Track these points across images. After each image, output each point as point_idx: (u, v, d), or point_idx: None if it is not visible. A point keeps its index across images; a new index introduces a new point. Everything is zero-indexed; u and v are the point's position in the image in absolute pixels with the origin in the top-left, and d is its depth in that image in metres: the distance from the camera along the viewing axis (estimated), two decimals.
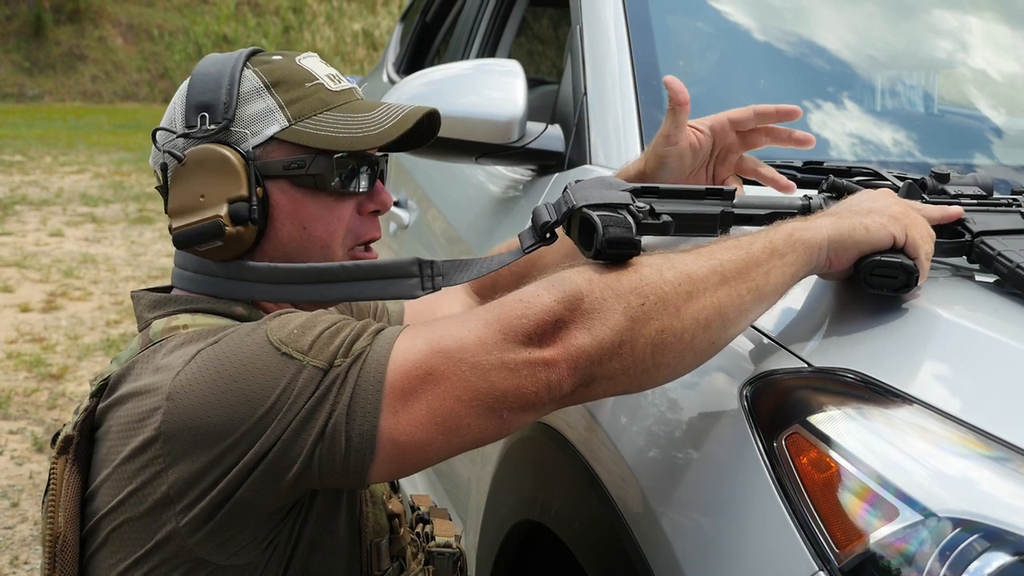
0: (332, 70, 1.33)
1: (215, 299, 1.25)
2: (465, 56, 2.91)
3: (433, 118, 1.33)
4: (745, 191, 1.31)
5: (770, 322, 1.24)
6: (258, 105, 1.25)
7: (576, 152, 1.93)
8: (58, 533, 1.18)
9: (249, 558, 1.14)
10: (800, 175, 1.50)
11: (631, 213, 1.12)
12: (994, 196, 1.36)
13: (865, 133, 1.98)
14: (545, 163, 2.01)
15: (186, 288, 1.28)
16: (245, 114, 1.25)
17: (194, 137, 1.24)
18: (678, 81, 1.43)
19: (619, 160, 1.73)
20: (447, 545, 1.46)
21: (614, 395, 1.12)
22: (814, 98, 1.99)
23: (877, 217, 1.16)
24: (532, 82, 2.34)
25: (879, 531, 0.97)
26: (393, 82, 3.80)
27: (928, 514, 0.95)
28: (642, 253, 1.10)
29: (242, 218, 1.21)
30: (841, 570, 0.97)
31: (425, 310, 1.58)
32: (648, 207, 1.17)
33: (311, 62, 1.32)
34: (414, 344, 1.07)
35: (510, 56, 2.84)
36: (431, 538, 1.47)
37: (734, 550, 1.09)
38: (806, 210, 1.30)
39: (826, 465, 1.03)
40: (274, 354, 1.08)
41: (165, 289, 1.32)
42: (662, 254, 1.11)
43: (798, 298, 1.25)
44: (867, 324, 1.17)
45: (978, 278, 1.28)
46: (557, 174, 1.97)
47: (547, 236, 1.18)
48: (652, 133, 1.53)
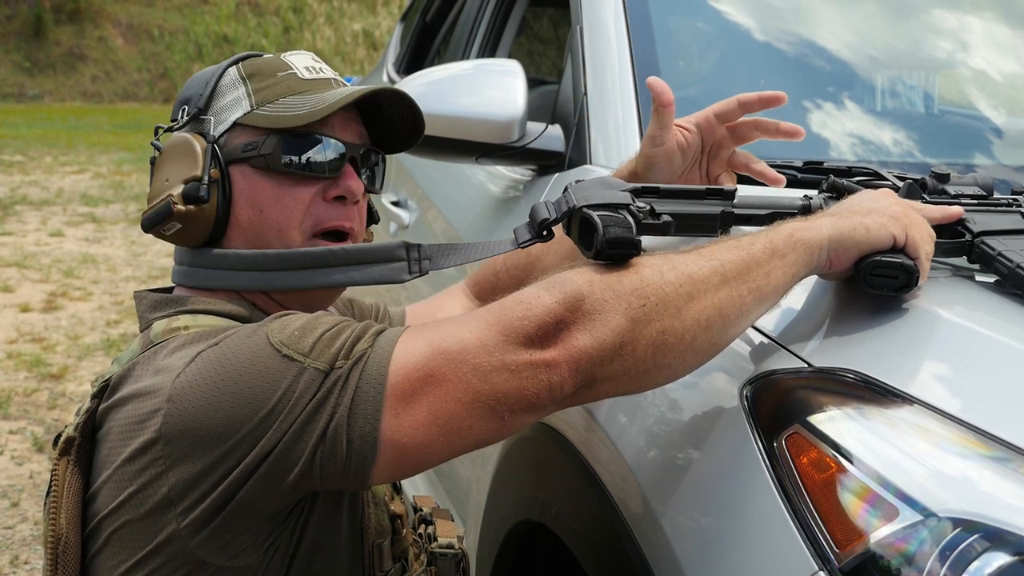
0: (317, 64, 1.34)
1: (216, 300, 1.25)
2: (465, 56, 2.91)
3: (414, 113, 1.33)
4: (741, 189, 1.30)
5: (770, 322, 1.24)
6: (231, 96, 1.29)
7: (576, 152, 1.93)
8: (60, 534, 1.18)
9: (250, 560, 1.14)
10: (800, 175, 1.50)
11: (631, 213, 1.12)
12: (994, 196, 1.36)
13: (865, 133, 1.98)
14: (545, 163, 2.01)
15: (175, 281, 1.31)
16: (217, 105, 1.30)
17: (173, 129, 1.30)
18: (662, 82, 1.43)
19: (619, 160, 1.73)
20: (449, 546, 1.46)
21: (615, 396, 1.12)
22: (814, 98, 1.99)
23: (877, 217, 1.16)
24: (532, 82, 2.33)
25: (879, 531, 0.97)
26: (393, 82, 3.80)
27: (928, 514, 0.95)
28: (643, 253, 1.10)
29: (193, 197, 1.23)
30: (841, 570, 0.97)
31: (426, 313, 1.58)
32: (648, 207, 1.17)
33: (295, 57, 1.33)
34: (415, 346, 1.07)
35: (510, 56, 2.84)
36: (433, 539, 1.47)
37: (734, 550, 1.09)
38: (806, 210, 1.30)
39: (826, 465, 1.03)
40: (275, 356, 1.08)
41: (167, 290, 1.32)
42: (663, 255, 1.11)
43: (798, 298, 1.25)
44: (867, 324, 1.17)
45: (978, 278, 1.28)
46: (557, 174, 1.97)
47: (544, 233, 1.18)
48: None
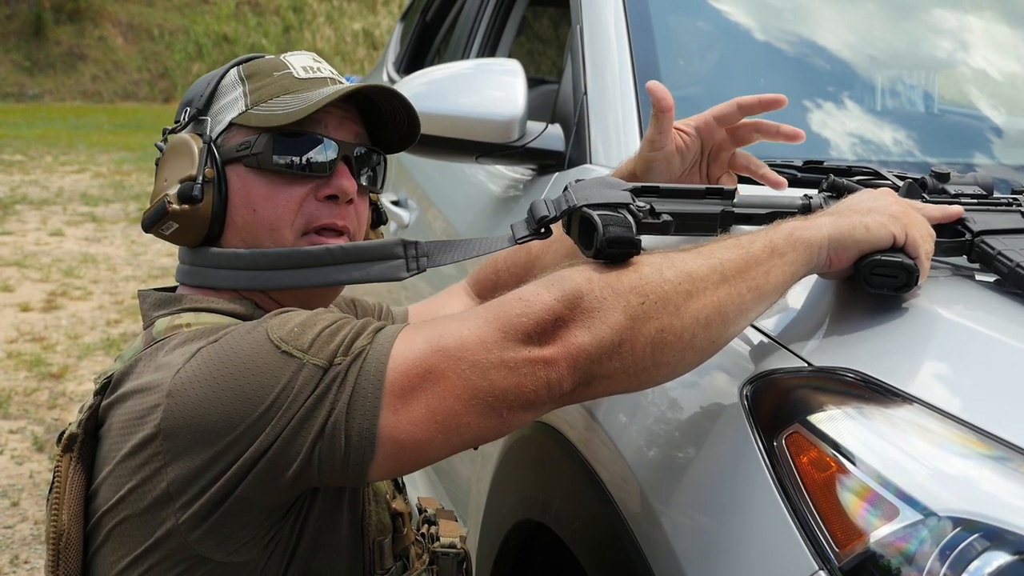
0: (315, 64, 1.33)
1: (219, 298, 1.26)
2: (465, 55, 2.91)
3: (408, 111, 1.32)
4: (742, 189, 1.30)
5: (770, 321, 1.24)
6: (229, 96, 1.30)
7: (576, 151, 1.93)
8: (62, 530, 1.18)
9: (250, 555, 1.14)
10: (800, 174, 1.50)
11: (631, 212, 1.12)
12: (994, 195, 1.36)
13: (865, 132, 1.98)
14: (545, 162, 2.01)
15: (178, 280, 1.32)
16: (216, 106, 1.31)
17: (175, 131, 1.32)
18: (662, 87, 1.42)
19: (619, 159, 1.73)
20: (452, 545, 1.46)
21: (614, 394, 1.12)
22: (814, 97, 1.99)
23: (877, 216, 1.16)
24: (532, 81, 2.34)
25: (879, 530, 0.97)
26: (393, 81, 3.80)
27: (928, 513, 0.95)
28: (642, 252, 1.10)
29: (187, 197, 1.24)
30: (841, 569, 0.97)
31: (428, 312, 1.58)
32: (648, 206, 1.17)
33: (294, 57, 1.33)
34: (414, 342, 1.07)
35: (510, 55, 2.84)
36: (436, 539, 1.47)
37: (734, 549, 1.09)
38: (806, 209, 1.30)
39: (826, 464, 1.03)
40: (274, 352, 1.08)
41: (171, 289, 1.33)
42: (662, 253, 1.11)
43: (798, 297, 1.25)
44: (867, 323, 1.17)
45: (978, 277, 1.28)
46: (557, 173, 1.97)
47: (542, 231, 1.18)
48: None
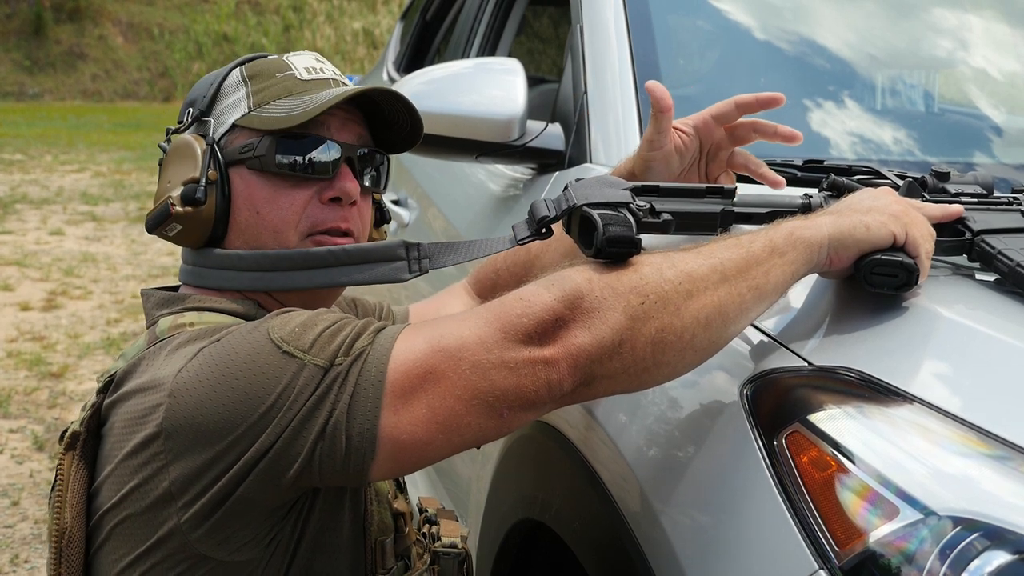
0: (318, 64, 1.33)
1: (222, 298, 1.26)
2: (465, 55, 2.91)
3: (410, 112, 1.32)
4: (742, 188, 1.30)
5: (770, 321, 1.24)
6: (232, 98, 1.30)
7: (576, 150, 1.93)
8: (64, 529, 1.19)
9: (251, 555, 1.14)
10: (800, 174, 1.50)
11: (631, 212, 1.12)
12: (994, 195, 1.36)
13: (865, 132, 1.98)
14: (545, 161, 2.00)
15: (181, 280, 1.32)
16: (219, 107, 1.31)
17: (178, 132, 1.31)
18: (661, 87, 1.42)
19: (619, 158, 1.73)
20: (452, 545, 1.46)
21: (614, 394, 1.12)
22: (815, 97, 1.99)
23: (877, 215, 1.16)
24: (532, 80, 2.34)
25: (879, 530, 0.97)
26: (393, 80, 3.80)
27: (928, 513, 0.95)
28: (643, 252, 1.10)
29: (190, 199, 1.24)
30: (841, 569, 0.97)
31: (429, 312, 1.58)
32: (648, 206, 1.17)
33: (297, 58, 1.33)
34: (415, 343, 1.07)
35: (510, 54, 2.84)
36: (437, 539, 1.47)
37: (734, 549, 1.09)
38: (806, 208, 1.30)
39: (826, 464, 1.03)
40: (275, 352, 1.08)
41: (174, 288, 1.33)
42: (662, 253, 1.11)
43: (798, 297, 1.25)
44: (867, 323, 1.17)
45: (978, 277, 1.27)
46: (557, 172, 1.96)
47: (542, 231, 1.18)
48: None
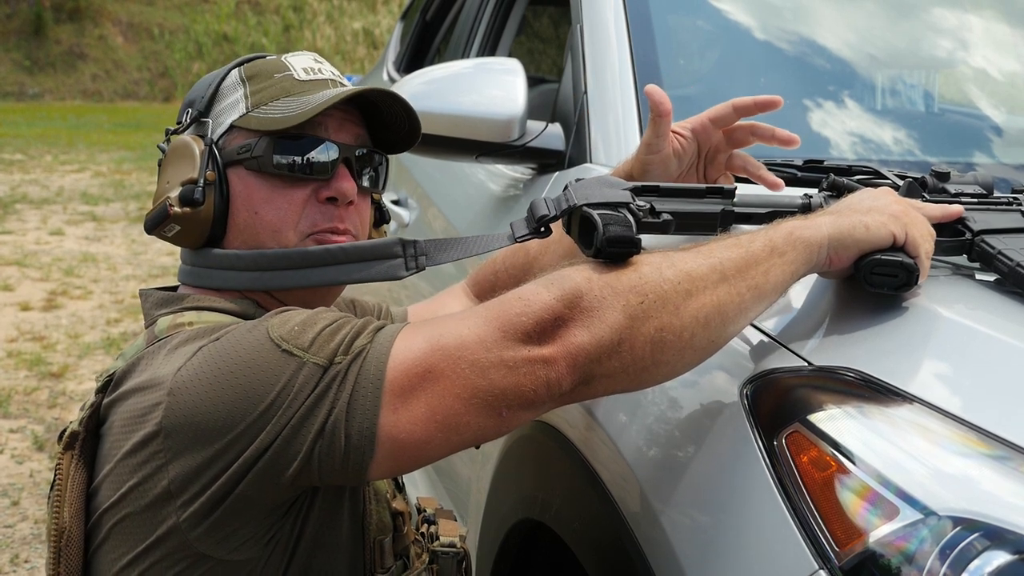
0: (316, 65, 1.33)
1: (221, 298, 1.26)
2: (465, 55, 2.91)
3: (408, 113, 1.32)
4: (742, 189, 1.30)
5: (770, 321, 1.24)
6: (230, 98, 1.30)
7: (576, 150, 1.93)
8: (63, 528, 1.19)
9: (250, 553, 1.14)
10: (800, 174, 1.50)
11: (631, 212, 1.12)
12: (994, 195, 1.36)
13: (866, 132, 1.98)
14: (545, 162, 2.00)
15: (180, 280, 1.32)
16: (218, 107, 1.31)
17: (177, 132, 1.32)
18: (660, 91, 1.42)
19: (619, 158, 1.73)
20: (451, 545, 1.46)
21: (613, 393, 1.12)
22: (815, 97, 1.99)
23: (877, 215, 1.16)
24: (532, 80, 2.33)
25: (879, 530, 0.96)
26: (393, 80, 3.80)
27: (928, 513, 0.95)
28: (642, 252, 1.10)
29: (188, 199, 1.24)
30: (841, 569, 0.97)
31: (428, 312, 1.58)
32: (648, 206, 1.17)
33: (295, 59, 1.33)
34: (414, 342, 1.07)
35: (510, 54, 2.84)
36: (436, 538, 1.47)
37: (734, 549, 1.09)
38: (806, 208, 1.30)
39: (826, 464, 1.03)
40: (275, 351, 1.08)
41: (172, 288, 1.33)
42: (662, 252, 1.11)
43: (798, 297, 1.25)
44: (867, 323, 1.17)
45: (978, 277, 1.27)
46: (557, 172, 1.96)
47: (541, 229, 1.18)
48: None
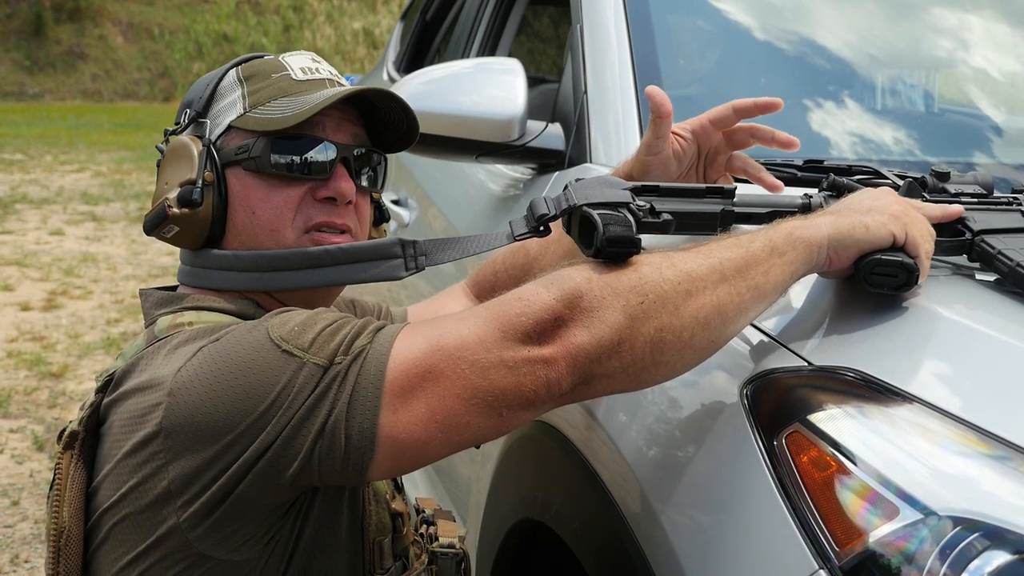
0: (314, 64, 1.33)
1: (220, 298, 1.26)
2: (465, 55, 2.91)
3: (405, 112, 1.32)
4: (742, 189, 1.30)
5: (770, 321, 1.24)
6: (228, 98, 1.30)
7: (576, 150, 1.93)
8: (62, 528, 1.19)
9: (250, 554, 1.14)
10: (801, 174, 1.50)
11: (631, 212, 1.12)
12: (994, 194, 1.36)
13: (866, 132, 1.98)
14: (545, 161, 2.00)
15: (180, 280, 1.32)
16: (216, 108, 1.31)
17: (175, 133, 1.32)
18: (661, 92, 1.42)
19: (619, 158, 1.73)
20: (450, 545, 1.46)
21: (613, 393, 1.12)
22: (815, 97, 1.99)
23: (877, 215, 1.16)
24: (532, 80, 2.33)
25: (879, 530, 0.97)
26: (393, 80, 3.80)
27: (928, 513, 0.95)
28: (642, 252, 1.10)
29: (186, 200, 1.25)
30: (841, 569, 0.97)
31: (428, 312, 1.58)
32: (648, 205, 1.17)
33: (293, 58, 1.33)
34: (414, 342, 1.07)
35: (510, 54, 2.84)
36: (435, 539, 1.47)
37: (734, 549, 1.09)
38: (806, 208, 1.30)
39: (826, 464, 1.03)
40: (275, 351, 1.08)
41: (172, 288, 1.33)
42: (662, 252, 1.11)
43: (798, 297, 1.25)
44: (867, 323, 1.17)
45: (978, 277, 1.27)
46: (557, 172, 1.96)
47: (540, 228, 1.18)
48: None
